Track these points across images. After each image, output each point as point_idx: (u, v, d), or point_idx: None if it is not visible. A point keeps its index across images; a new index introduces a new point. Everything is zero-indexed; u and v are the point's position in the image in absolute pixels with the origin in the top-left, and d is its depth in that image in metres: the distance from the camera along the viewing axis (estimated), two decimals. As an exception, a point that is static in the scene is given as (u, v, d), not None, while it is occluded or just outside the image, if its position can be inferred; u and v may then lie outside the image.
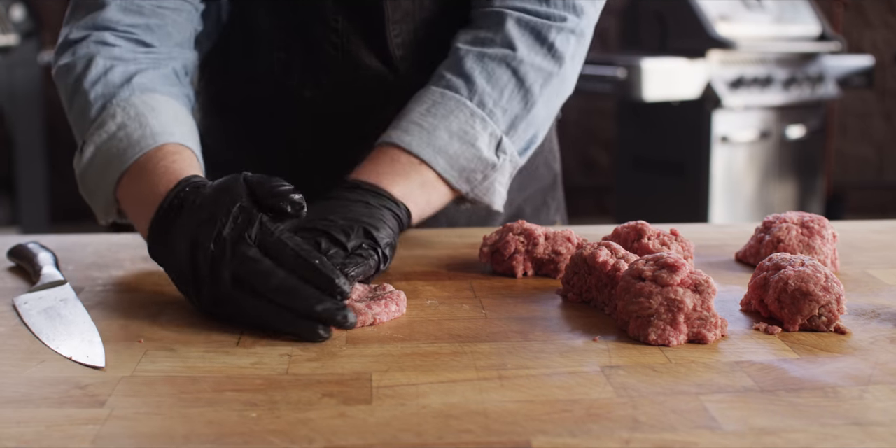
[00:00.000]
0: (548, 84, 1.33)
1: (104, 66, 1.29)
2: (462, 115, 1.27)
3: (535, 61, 1.31)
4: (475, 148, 1.26)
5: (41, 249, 1.23)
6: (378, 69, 1.42)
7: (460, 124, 1.26)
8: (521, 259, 1.20)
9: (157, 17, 1.34)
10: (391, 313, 1.03)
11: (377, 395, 0.82)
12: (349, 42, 1.40)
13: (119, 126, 1.23)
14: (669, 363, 0.89)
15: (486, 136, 1.27)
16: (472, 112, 1.27)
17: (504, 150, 1.29)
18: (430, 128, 1.25)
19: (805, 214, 1.25)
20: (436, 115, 1.27)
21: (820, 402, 0.80)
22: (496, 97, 1.29)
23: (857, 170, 6.36)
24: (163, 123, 1.24)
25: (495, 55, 1.30)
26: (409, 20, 1.39)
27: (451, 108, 1.27)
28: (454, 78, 1.30)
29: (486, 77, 1.29)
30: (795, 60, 4.72)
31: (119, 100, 1.26)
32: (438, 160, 1.25)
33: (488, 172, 1.28)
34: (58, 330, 0.99)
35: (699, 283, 0.96)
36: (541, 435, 0.74)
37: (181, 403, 0.80)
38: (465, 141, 1.26)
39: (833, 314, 0.99)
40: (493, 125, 1.28)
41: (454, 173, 1.26)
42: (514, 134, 1.31)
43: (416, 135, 1.25)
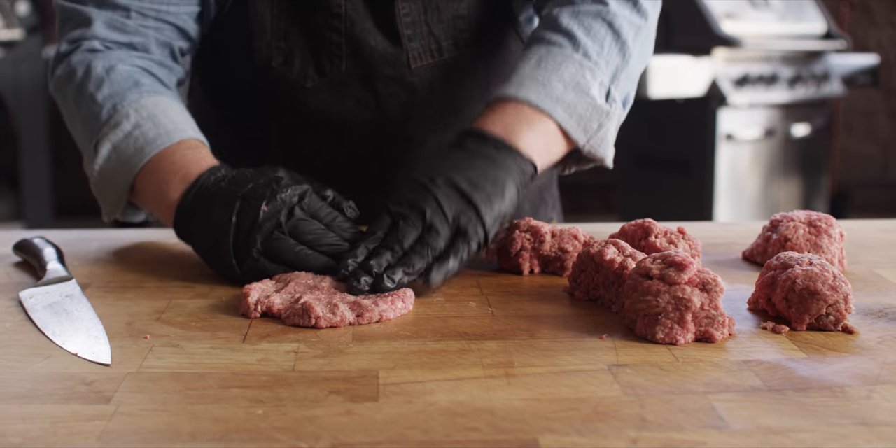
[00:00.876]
0: (639, 37, 1.36)
1: (104, 67, 1.33)
2: (572, 67, 1.28)
3: (626, 14, 1.35)
4: (590, 96, 1.28)
5: (47, 244, 1.23)
6: (385, 52, 1.42)
7: (572, 75, 1.28)
8: (527, 256, 1.20)
9: (140, 36, 1.38)
10: (397, 310, 1.03)
11: (384, 392, 0.82)
12: (353, 25, 1.40)
13: (134, 125, 1.27)
14: (677, 362, 0.89)
15: (597, 85, 1.29)
16: (580, 63, 1.29)
17: (614, 99, 1.31)
18: (543, 80, 1.26)
19: (812, 213, 1.24)
20: (546, 69, 1.28)
21: (828, 402, 0.80)
22: (598, 49, 1.31)
23: (861, 168, 6.36)
24: (175, 122, 1.29)
25: (589, 11, 1.33)
26: (418, 1, 1.40)
27: (559, 60, 1.28)
28: (554, 35, 1.31)
29: (585, 31, 1.31)
30: (801, 59, 4.71)
31: (130, 101, 1.30)
32: (558, 110, 1.25)
33: (603, 121, 1.29)
34: (63, 326, 0.99)
35: (707, 281, 0.96)
36: (548, 433, 0.74)
37: (187, 400, 0.80)
38: (580, 90, 1.27)
39: (841, 313, 0.99)
40: (602, 74, 1.30)
41: (573, 122, 1.26)
42: (617, 84, 1.33)
43: (531, 88, 1.26)
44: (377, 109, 1.44)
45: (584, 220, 1.61)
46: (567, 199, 6.29)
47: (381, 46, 1.41)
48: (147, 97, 1.31)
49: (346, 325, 1.00)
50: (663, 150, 4.71)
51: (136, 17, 1.37)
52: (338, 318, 1.00)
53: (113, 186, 1.29)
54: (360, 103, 1.44)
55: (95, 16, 1.36)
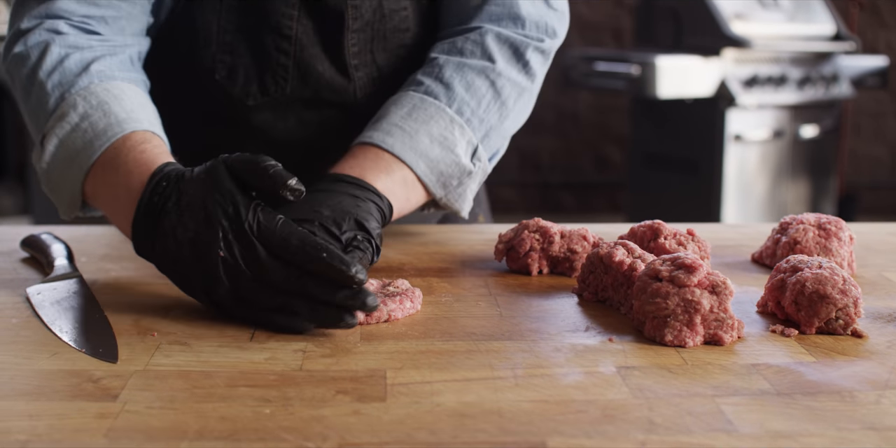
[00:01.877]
0: (520, 98, 1.35)
1: (59, 54, 1.23)
2: (442, 121, 1.27)
3: (511, 75, 1.34)
4: (454, 154, 1.26)
5: (55, 240, 1.23)
6: (332, 79, 1.39)
7: (440, 130, 1.27)
8: (536, 257, 1.20)
9: (112, 9, 1.29)
10: (406, 310, 1.03)
11: (391, 392, 0.81)
12: (302, 50, 1.37)
13: (82, 116, 1.18)
14: (685, 364, 0.89)
15: (464, 143, 1.28)
16: (451, 119, 1.28)
17: (479, 158, 1.30)
18: (411, 131, 1.25)
19: (822, 216, 1.24)
20: (416, 120, 1.26)
21: (837, 406, 0.80)
22: (474, 106, 1.30)
23: (870, 170, 6.35)
24: (127, 110, 1.19)
25: (475, 65, 1.32)
26: (367, 30, 1.38)
27: (431, 113, 1.27)
28: (433, 84, 1.30)
29: (466, 86, 1.30)
30: (810, 60, 4.70)
31: (78, 89, 1.20)
32: (420, 164, 1.24)
33: (463, 179, 1.28)
34: (71, 322, 0.99)
35: (716, 284, 0.95)
36: (556, 435, 0.73)
37: (194, 398, 0.80)
38: (445, 146, 1.26)
39: (850, 317, 0.98)
40: (471, 133, 1.29)
41: (433, 177, 1.25)
42: (488, 143, 1.32)
43: (398, 137, 1.24)
44: (318, 132, 1.42)
45: (591, 220, 1.61)
46: (574, 198, 6.30)
47: (328, 73, 1.38)
48: (99, 83, 1.21)
49: (375, 322, 1.00)
50: (671, 150, 4.71)
51: None
52: (361, 316, 0.99)
53: (63, 186, 1.19)
54: (301, 124, 1.42)
55: None
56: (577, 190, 6.33)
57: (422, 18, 1.42)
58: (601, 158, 6.30)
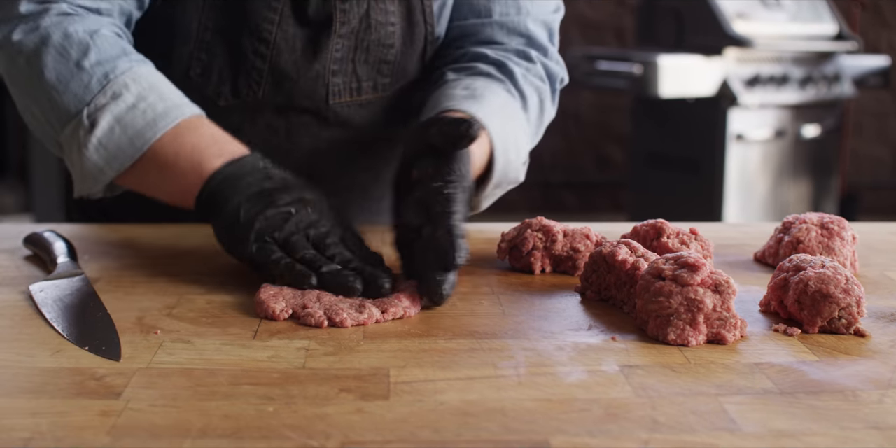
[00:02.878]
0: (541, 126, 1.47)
1: (85, 31, 1.23)
2: (520, 130, 1.36)
3: (550, 100, 1.47)
4: (519, 161, 1.35)
5: (57, 238, 1.23)
6: (306, 85, 1.39)
7: (517, 135, 1.35)
8: (539, 256, 1.19)
9: (106, 1, 1.29)
10: (417, 307, 1.03)
11: (395, 390, 0.81)
12: (279, 55, 1.36)
13: (138, 97, 1.21)
14: (688, 363, 0.89)
15: (524, 155, 1.37)
16: (524, 130, 1.37)
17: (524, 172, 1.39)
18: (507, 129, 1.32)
19: (825, 215, 1.24)
20: (508, 116, 1.34)
21: (840, 406, 0.80)
22: (532, 120, 1.40)
23: (871, 170, 6.35)
24: (180, 96, 1.24)
25: (534, 82, 1.41)
26: (351, 37, 1.38)
27: (516, 116, 1.36)
28: (510, 84, 1.38)
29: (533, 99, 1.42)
30: (812, 59, 4.70)
31: (122, 70, 1.22)
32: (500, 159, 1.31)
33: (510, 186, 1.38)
34: (74, 320, 0.99)
35: (719, 283, 0.95)
36: (559, 434, 0.73)
37: (197, 396, 0.80)
38: (519, 154, 1.35)
39: (853, 317, 0.98)
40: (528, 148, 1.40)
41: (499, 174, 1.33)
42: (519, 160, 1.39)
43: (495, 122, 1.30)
44: (287, 138, 1.42)
45: (593, 219, 1.62)
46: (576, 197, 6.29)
47: (303, 80, 1.38)
48: (139, 66, 1.24)
49: (373, 322, 1.00)
50: (673, 150, 4.71)
51: None
52: (364, 315, 0.99)
53: (115, 161, 1.21)
54: (270, 129, 1.42)
55: None
56: (579, 189, 6.33)
57: (407, 40, 1.43)
58: (603, 158, 6.30)
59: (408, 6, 1.41)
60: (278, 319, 1.00)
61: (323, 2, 1.35)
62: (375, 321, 1.00)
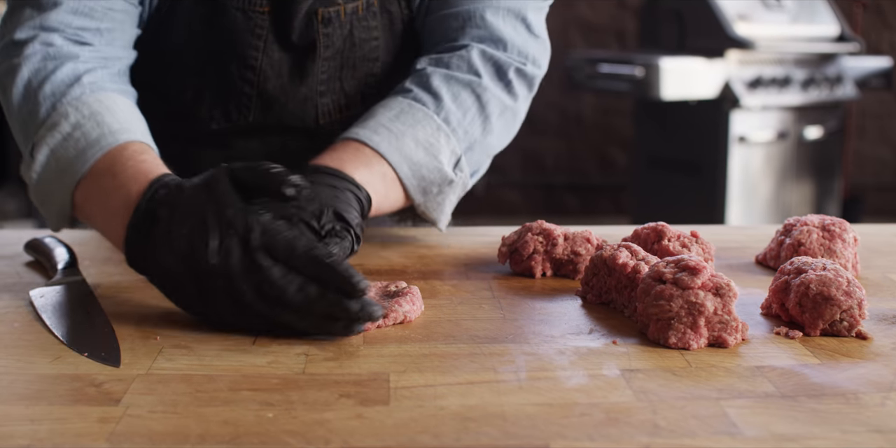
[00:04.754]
0: (503, 115, 1.36)
1: (52, 66, 1.21)
2: (429, 127, 1.28)
3: (496, 92, 1.35)
4: (438, 161, 1.28)
5: (58, 244, 1.23)
6: (295, 108, 1.40)
7: (426, 135, 1.28)
8: (539, 259, 1.19)
9: (107, 21, 1.27)
10: (416, 311, 1.03)
11: (395, 396, 0.81)
12: (266, 80, 1.37)
13: (74, 126, 1.16)
14: (689, 367, 0.89)
15: (448, 152, 1.29)
16: (438, 126, 1.29)
17: (461, 169, 1.31)
18: (397, 133, 1.26)
19: (826, 217, 1.24)
20: (404, 123, 1.27)
21: (841, 409, 0.79)
22: (459, 117, 1.32)
23: (874, 171, 6.34)
24: (120, 121, 1.17)
25: (461, 79, 1.33)
26: (337, 58, 1.38)
27: (418, 117, 1.28)
28: (421, 92, 1.31)
29: (452, 97, 1.32)
30: (814, 61, 4.70)
31: (70, 99, 1.19)
32: (403, 166, 1.25)
33: (444, 187, 1.30)
34: (73, 326, 0.99)
35: (720, 286, 0.95)
36: (559, 439, 0.73)
37: (197, 402, 0.80)
38: (430, 152, 1.27)
39: (855, 319, 0.98)
40: (455, 142, 1.30)
41: (414, 181, 1.27)
42: (471, 156, 1.34)
43: (384, 137, 1.25)
44: (281, 155, 1.38)
45: (595, 222, 1.61)
46: (577, 200, 6.29)
47: (292, 102, 1.39)
48: (91, 94, 1.19)
49: (374, 327, 1.00)
50: (675, 152, 4.70)
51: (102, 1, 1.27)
52: None
53: (54, 196, 1.17)
54: (265, 145, 1.43)
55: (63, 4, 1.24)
56: (581, 192, 6.33)
57: (392, 49, 1.43)
58: (605, 160, 6.30)
59: (389, 18, 1.41)
60: None
61: (306, 27, 1.35)
62: (377, 326, 0.99)
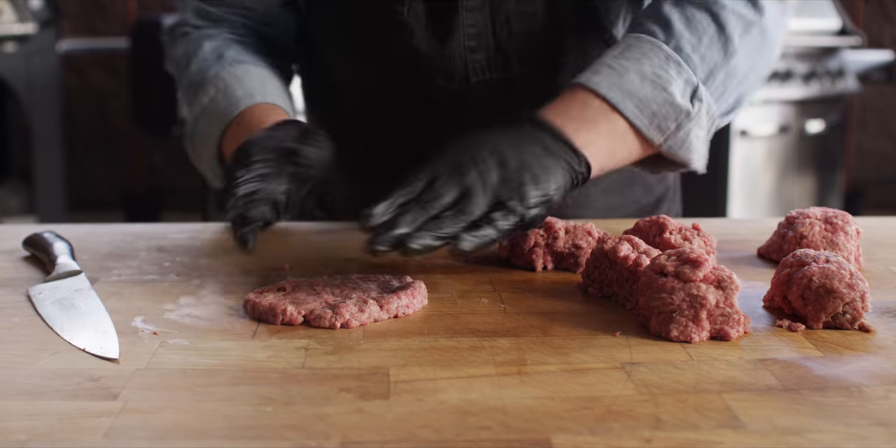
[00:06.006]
0: (748, 33, 1.24)
1: (198, 46, 1.42)
2: (656, 59, 1.19)
3: (736, 7, 1.24)
4: (668, 93, 1.18)
5: (57, 239, 1.23)
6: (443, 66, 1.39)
7: (653, 68, 1.19)
8: (540, 252, 1.19)
9: (225, 22, 1.45)
10: (416, 304, 1.03)
11: (395, 390, 0.81)
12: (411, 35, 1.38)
13: (210, 99, 1.34)
14: (691, 360, 0.88)
15: (680, 82, 1.19)
16: (667, 56, 1.20)
17: (700, 99, 1.20)
18: (621, 70, 1.18)
19: (828, 210, 1.23)
20: (629, 58, 1.19)
21: (845, 402, 0.79)
22: (695, 43, 1.21)
23: (876, 165, 6.33)
24: (246, 89, 1.33)
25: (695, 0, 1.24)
26: (485, 9, 1.35)
27: (644, 50, 1.20)
28: (650, 23, 1.23)
29: (685, 21, 1.22)
30: (815, 54, 4.69)
31: (210, 76, 1.37)
32: (627, 103, 1.17)
33: (682, 121, 1.20)
34: (72, 321, 0.98)
35: (722, 278, 0.95)
36: (561, 432, 0.73)
37: (196, 397, 0.79)
38: (658, 85, 1.18)
39: (857, 312, 0.97)
40: (690, 71, 1.20)
41: (644, 119, 1.18)
42: (713, 84, 1.23)
43: (605, 75, 1.18)
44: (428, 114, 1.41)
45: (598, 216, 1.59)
46: (580, 194, 6.24)
47: (437, 58, 1.38)
48: (227, 68, 1.37)
49: (371, 321, 0.99)
50: (677, 146, 4.69)
51: (217, 3, 1.44)
52: (366, 315, 0.99)
53: (204, 158, 1.37)
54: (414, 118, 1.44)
55: (188, 2, 1.46)
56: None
57: (553, 4, 1.37)
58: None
59: None
60: (294, 323, 0.99)
61: None
62: (374, 320, 0.99)
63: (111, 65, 5.75)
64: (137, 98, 4.91)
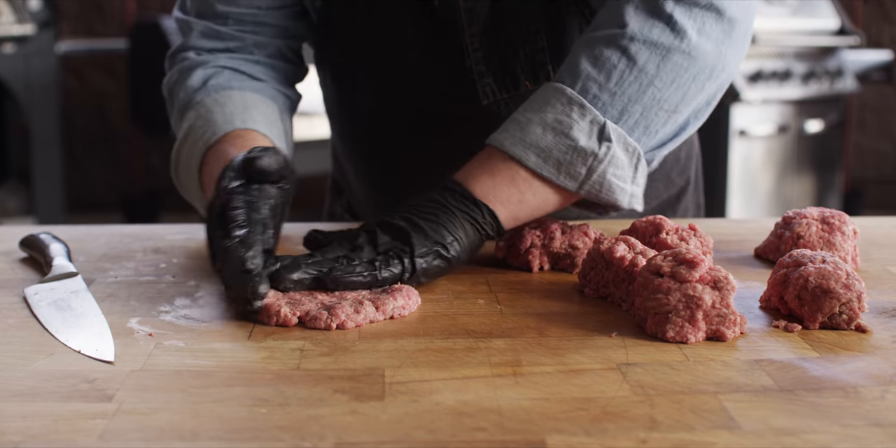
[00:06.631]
0: (667, 61, 1.18)
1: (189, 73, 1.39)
2: (559, 105, 1.17)
3: (648, 37, 1.18)
4: (570, 138, 1.16)
5: (53, 240, 1.22)
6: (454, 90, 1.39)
7: (556, 114, 1.17)
8: (537, 253, 1.19)
9: (236, 41, 1.42)
10: (411, 306, 1.03)
11: (390, 391, 0.81)
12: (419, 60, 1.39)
13: (190, 126, 1.32)
14: (687, 361, 0.88)
15: (584, 124, 1.16)
16: (569, 99, 1.17)
17: (608, 138, 1.16)
18: (525, 121, 1.18)
19: (825, 210, 1.23)
20: (533, 109, 1.18)
21: (841, 403, 0.79)
22: (602, 81, 1.17)
23: (875, 165, 6.33)
24: (227, 115, 1.31)
25: (602, 37, 1.19)
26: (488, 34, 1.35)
27: (548, 98, 1.18)
28: (562, 69, 1.21)
29: (592, 61, 1.18)
30: (814, 54, 4.69)
31: (193, 103, 1.35)
32: (529, 156, 1.16)
33: (592, 164, 1.16)
34: (67, 322, 0.98)
35: (718, 279, 0.95)
36: (556, 433, 0.73)
37: (190, 398, 0.79)
38: (559, 131, 1.16)
39: (854, 312, 0.97)
40: (595, 112, 1.16)
41: (550, 168, 1.16)
42: (630, 119, 1.18)
43: (510, 131, 1.18)
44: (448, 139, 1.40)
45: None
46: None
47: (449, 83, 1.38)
48: (211, 94, 1.35)
49: (367, 322, 0.99)
50: (675, 146, 4.69)
51: (232, 23, 1.41)
52: (361, 316, 0.99)
53: (189, 187, 1.35)
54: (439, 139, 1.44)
55: (194, 25, 1.42)
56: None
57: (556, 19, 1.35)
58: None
59: None
60: (289, 324, 0.99)
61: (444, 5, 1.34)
62: (370, 321, 0.99)
63: (110, 66, 5.75)
64: (136, 99, 4.91)
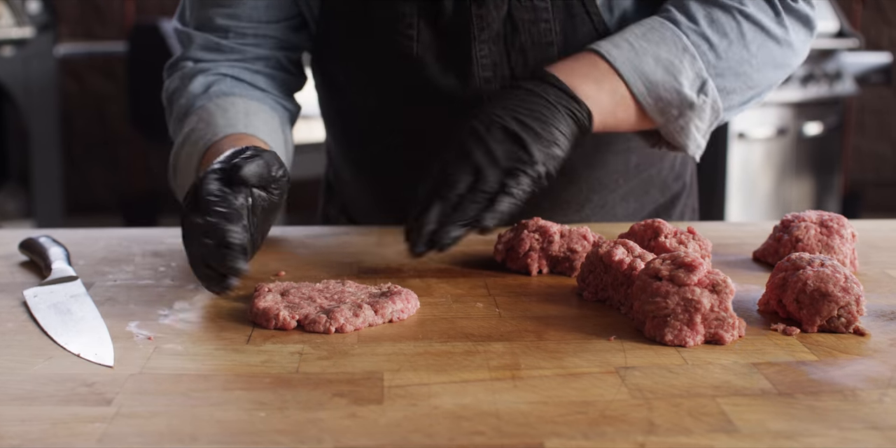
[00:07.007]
0: (765, 46, 1.29)
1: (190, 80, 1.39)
2: (674, 47, 1.24)
3: (761, 20, 1.28)
4: (677, 81, 1.24)
5: (53, 244, 1.22)
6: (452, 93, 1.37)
7: (669, 54, 1.24)
8: (536, 257, 1.19)
9: (235, 53, 1.41)
10: (410, 309, 1.03)
11: (388, 394, 0.81)
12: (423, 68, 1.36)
13: (192, 129, 1.32)
14: (686, 364, 0.88)
15: (691, 74, 1.25)
16: (684, 46, 1.24)
17: (706, 93, 1.26)
18: (639, 50, 1.23)
19: (824, 213, 1.23)
20: (649, 40, 1.24)
21: (839, 406, 0.79)
22: (714, 41, 1.26)
23: (874, 167, 6.33)
24: (229, 119, 1.31)
25: (724, 4, 1.28)
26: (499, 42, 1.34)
27: (665, 36, 1.25)
28: (678, 13, 1.27)
29: (709, 21, 1.27)
30: (813, 57, 4.68)
31: (195, 108, 1.36)
32: (637, 82, 1.23)
33: (684, 110, 1.25)
34: (67, 326, 0.98)
35: (717, 282, 0.95)
36: (554, 437, 0.73)
37: (189, 402, 0.79)
38: (669, 72, 1.24)
39: (852, 315, 0.97)
40: (702, 66, 1.25)
41: (650, 100, 1.24)
42: (722, 82, 1.28)
43: (624, 51, 1.23)
44: None
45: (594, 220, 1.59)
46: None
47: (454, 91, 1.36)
48: (214, 100, 1.35)
49: (366, 325, 0.99)
50: (674, 149, 4.69)
51: (233, 37, 1.41)
52: (360, 319, 0.99)
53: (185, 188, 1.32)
54: None
55: (194, 38, 1.42)
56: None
57: (570, 32, 1.35)
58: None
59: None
60: (288, 328, 0.98)
61: (457, 9, 1.33)
62: (369, 325, 0.99)
63: (109, 69, 5.75)
64: (135, 102, 4.90)
